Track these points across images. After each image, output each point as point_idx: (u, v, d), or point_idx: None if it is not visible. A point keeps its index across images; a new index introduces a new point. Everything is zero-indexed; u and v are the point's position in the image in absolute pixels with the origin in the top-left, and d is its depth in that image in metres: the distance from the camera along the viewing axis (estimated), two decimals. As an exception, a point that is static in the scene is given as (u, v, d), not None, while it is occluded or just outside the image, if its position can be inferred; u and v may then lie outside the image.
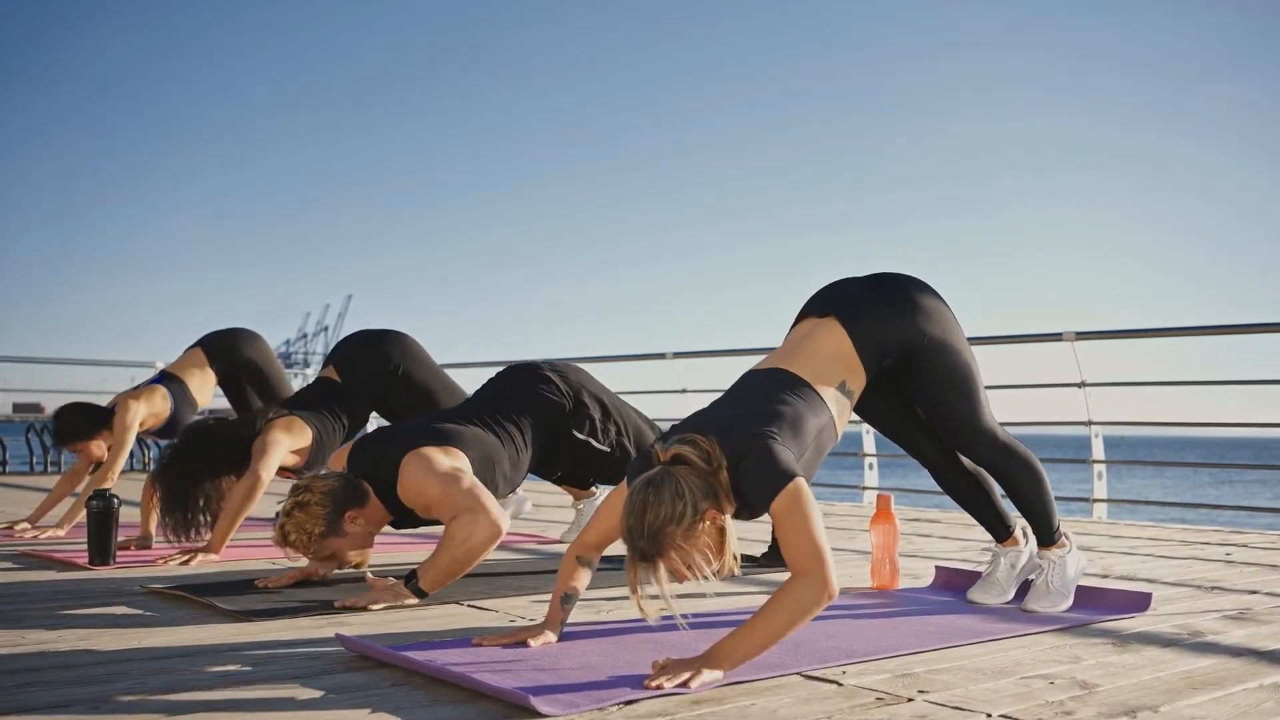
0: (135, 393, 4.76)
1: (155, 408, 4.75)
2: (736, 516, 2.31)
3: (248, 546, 4.16)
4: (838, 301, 2.72)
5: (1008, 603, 2.96)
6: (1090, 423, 6.20)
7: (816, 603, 2.08)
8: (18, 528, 4.63)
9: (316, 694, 1.94)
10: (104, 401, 5.00)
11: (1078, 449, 10.26)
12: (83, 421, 4.63)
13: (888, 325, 2.68)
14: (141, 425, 4.68)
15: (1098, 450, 6.21)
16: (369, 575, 2.97)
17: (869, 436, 7.18)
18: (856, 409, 2.79)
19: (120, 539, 4.00)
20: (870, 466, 7.24)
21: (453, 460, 3.06)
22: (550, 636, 2.37)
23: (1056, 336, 6.16)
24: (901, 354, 2.72)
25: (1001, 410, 2.93)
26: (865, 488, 7.17)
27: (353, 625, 2.60)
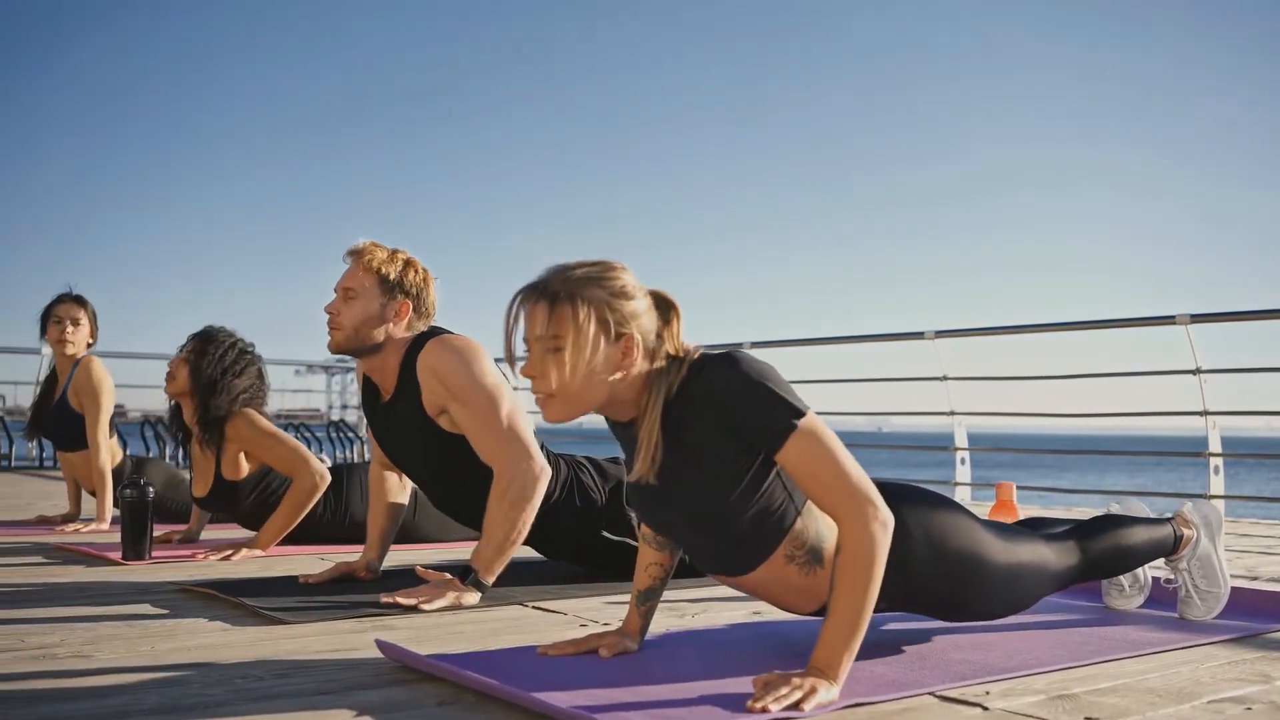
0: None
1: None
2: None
3: (298, 543, 3.84)
4: None
5: (1143, 605, 2.54)
6: (1206, 413, 5.71)
7: (881, 541, 1.67)
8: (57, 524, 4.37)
9: (346, 714, 1.59)
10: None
11: (1167, 443, 9.65)
12: None
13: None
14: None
15: (1214, 443, 5.71)
16: (419, 568, 2.61)
17: (960, 430, 6.74)
18: None
19: (159, 533, 3.72)
20: (962, 461, 6.78)
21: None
22: (629, 645, 2.00)
23: (1169, 319, 5.69)
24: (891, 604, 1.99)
25: (1106, 400, 2.46)
26: (957, 483, 6.72)
27: (399, 630, 2.26)
